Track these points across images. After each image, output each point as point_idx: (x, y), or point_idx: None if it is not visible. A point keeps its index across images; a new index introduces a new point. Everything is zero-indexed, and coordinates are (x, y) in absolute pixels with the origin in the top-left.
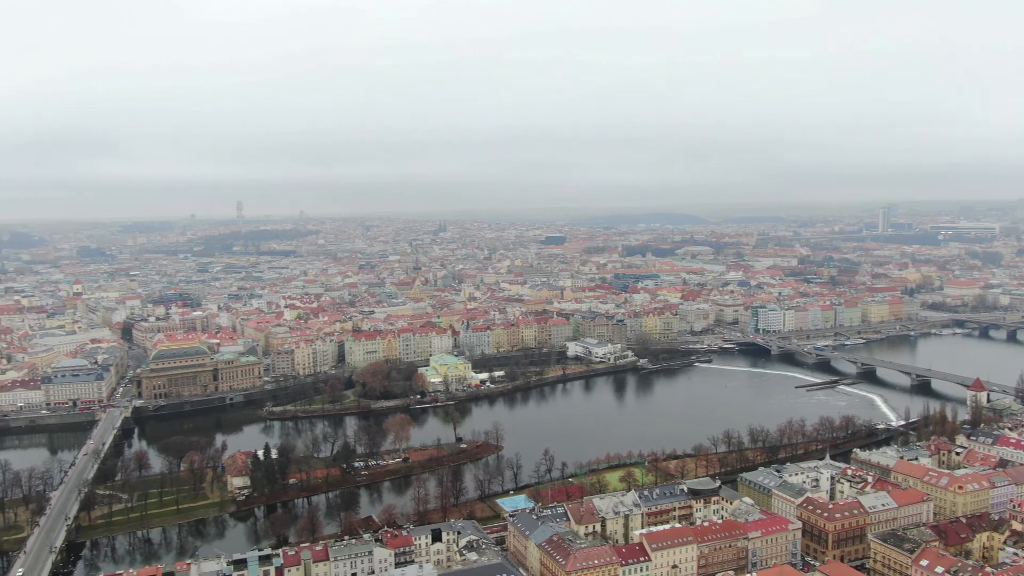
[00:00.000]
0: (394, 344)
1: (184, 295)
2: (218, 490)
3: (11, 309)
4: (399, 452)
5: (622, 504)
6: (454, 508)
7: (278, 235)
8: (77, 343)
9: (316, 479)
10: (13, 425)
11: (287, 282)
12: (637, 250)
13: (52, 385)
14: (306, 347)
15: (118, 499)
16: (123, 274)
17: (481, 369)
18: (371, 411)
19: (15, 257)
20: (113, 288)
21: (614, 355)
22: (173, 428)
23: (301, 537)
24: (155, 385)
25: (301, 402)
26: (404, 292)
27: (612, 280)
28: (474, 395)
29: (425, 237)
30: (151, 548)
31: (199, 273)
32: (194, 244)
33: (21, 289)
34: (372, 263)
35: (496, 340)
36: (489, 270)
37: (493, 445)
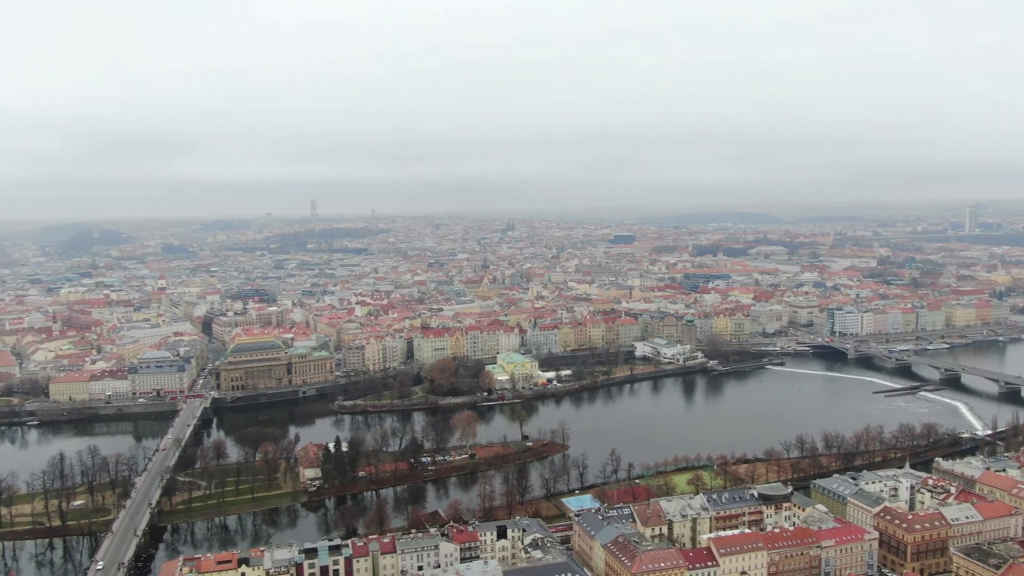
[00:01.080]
0: (462, 341)
1: (261, 291)
2: (291, 480)
3: (101, 303)
4: (466, 448)
5: (690, 507)
6: (519, 506)
7: (350, 233)
8: (161, 336)
9: (385, 473)
10: (102, 413)
11: (358, 279)
12: (708, 249)
13: (138, 375)
14: (376, 343)
15: (197, 486)
16: (204, 270)
17: (548, 368)
18: (439, 407)
19: (105, 253)
20: (195, 283)
21: (683, 356)
22: (249, 419)
23: (369, 529)
24: (233, 377)
25: (371, 397)
26: (472, 290)
27: (682, 280)
28: (540, 394)
29: (493, 236)
30: (227, 534)
31: (275, 270)
32: (270, 241)
33: (111, 284)
34: (441, 261)
35: (563, 339)
36: (557, 269)
37: (559, 444)
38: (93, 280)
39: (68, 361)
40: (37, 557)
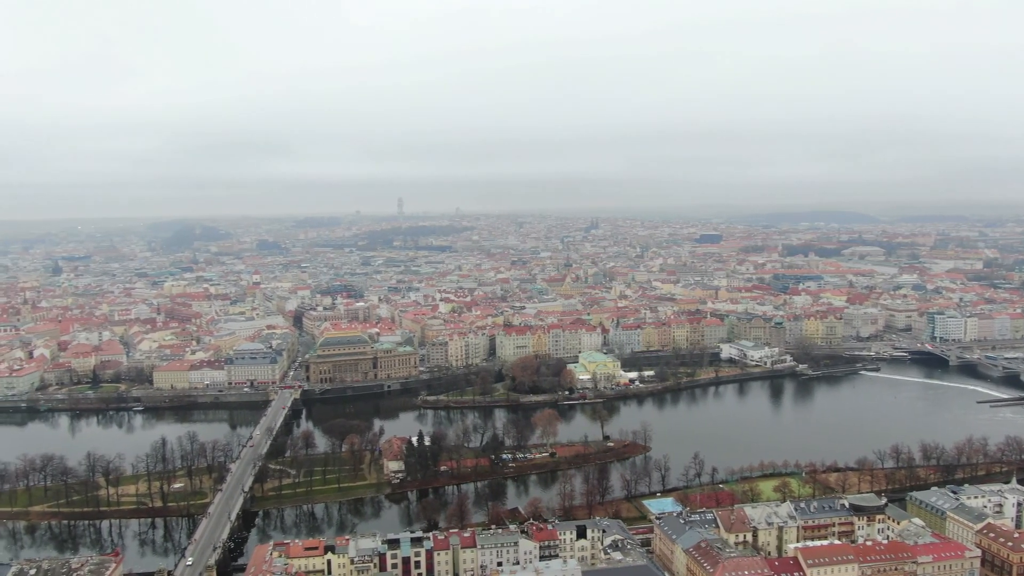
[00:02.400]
0: (544, 340)
1: (348, 287)
2: (375, 472)
3: (201, 296)
4: (546, 447)
5: (776, 515)
6: (599, 506)
7: (435, 231)
8: (255, 328)
9: (466, 468)
10: (200, 401)
11: (443, 276)
12: (799, 250)
13: (233, 366)
14: (459, 340)
15: (287, 474)
16: (295, 266)
17: (630, 368)
18: (520, 405)
19: (205, 249)
20: (287, 279)
21: (771, 359)
22: (336, 411)
23: (450, 523)
24: (321, 370)
25: (453, 393)
26: (555, 288)
27: (771, 281)
28: (622, 394)
29: (577, 234)
30: (314, 522)
31: (362, 266)
32: (358, 239)
33: (209, 278)
34: (524, 259)
35: (646, 339)
36: (641, 268)
37: (641, 445)
38: (194, 274)
39: (170, 351)
40: (140, 535)
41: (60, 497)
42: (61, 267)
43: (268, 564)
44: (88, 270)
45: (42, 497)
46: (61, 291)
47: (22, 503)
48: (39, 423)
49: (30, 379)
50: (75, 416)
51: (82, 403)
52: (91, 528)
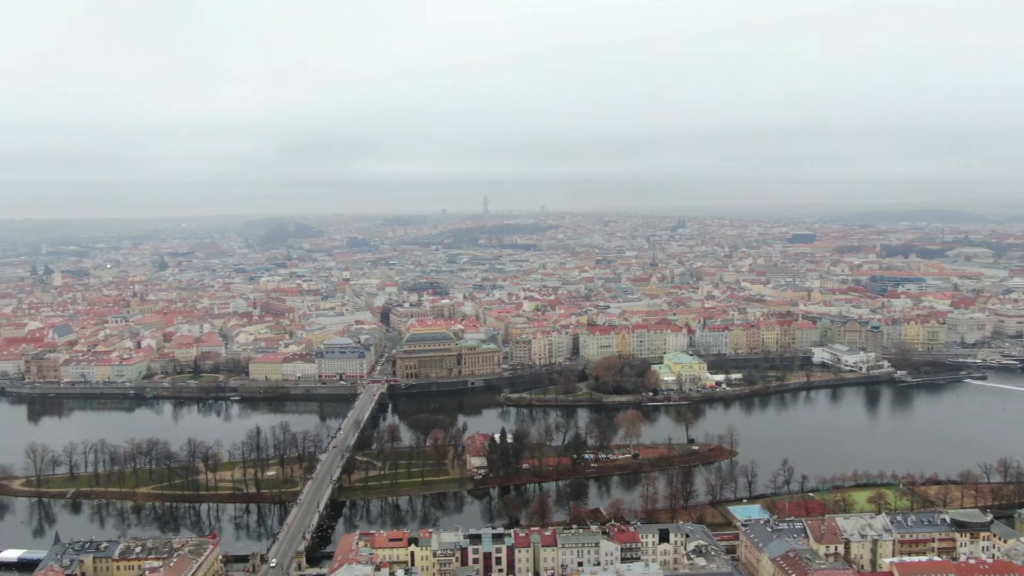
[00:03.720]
0: (628, 340)
1: (434, 284)
2: (458, 467)
3: (294, 291)
4: (629, 448)
5: (870, 527)
6: (683, 510)
7: (520, 229)
8: (344, 323)
9: (547, 466)
10: (292, 392)
11: (527, 275)
12: (898, 250)
13: (324, 360)
14: (543, 338)
15: (373, 466)
16: (383, 263)
17: (717, 370)
18: (603, 405)
19: (298, 246)
20: (375, 275)
21: (867, 364)
22: (420, 406)
23: (531, 521)
24: (407, 365)
25: (536, 391)
26: (640, 288)
27: (867, 283)
28: (708, 396)
29: (663, 233)
30: (399, 514)
31: (448, 264)
32: (444, 237)
33: (302, 274)
34: (609, 258)
35: (734, 341)
36: (729, 268)
37: (727, 449)
38: (287, 270)
39: (265, 344)
40: (236, 519)
41: (163, 480)
42: (167, 262)
43: (354, 553)
44: (191, 265)
45: (147, 479)
46: (166, 285)
47: (130, 484)
48: (145, 409)
49: (138, 368)
50: (178, 404)
51: (184, 392)
52: (191, 510)
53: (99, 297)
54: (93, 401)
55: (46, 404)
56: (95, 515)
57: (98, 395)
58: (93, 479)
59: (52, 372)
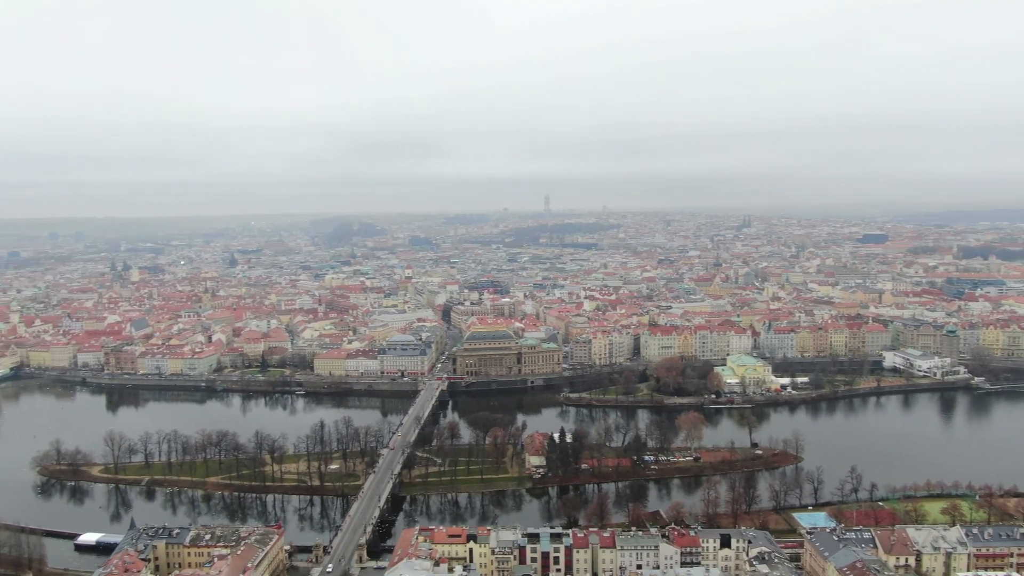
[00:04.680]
0: (690, 341)
1: (495, 282)
2: (517, 466)
3: (357, 289)
4: (690, 450)
5: (943, 539)
6: (745, 515)
7: (581, 228)
8: (406, 321)
9: (607, 467)
10: (355, 388)
11: (588, 274)
12: (977, 251)
13: (386, 356)
14: (603, 338)
15: (433, 462)
16: (445, 261)
17: (782, 373)
18: (664, 406)
19: (362, 244)
20: (436, 273)
21: (941, 370)
22: (480, 404)
23: (590, 521)
24: (467, 363)
25: (596, 391)
26: (703, 288)
27: (943, 285)
28: (773, 400)
29: (727, 232)
30: (458, 510)
31: (509, 262)
32: (505, 235)
33: (366, 272)
34: (671, 258)
35: (801, 344)
36: (796, 269)
37: (792, 455)
38: (351, 268)
39: (329, 340)
40: (300, 511)
41: (232, 470)
42: (237, 259)
43: (414, 548)
44: (259, 262)
45: (217, 469)
46: (236, 281)
47: (200, 473)
48: (215, 402)
49: (209, 361)
50: (246, 397)
51: (252, 385)
52: (257, 501)
53: (173, 292)
54: (167, 392)
55: (123, 394)
56: (168, 502)
57: (171, 387)
58: (166, 468)
59: (129, 364)
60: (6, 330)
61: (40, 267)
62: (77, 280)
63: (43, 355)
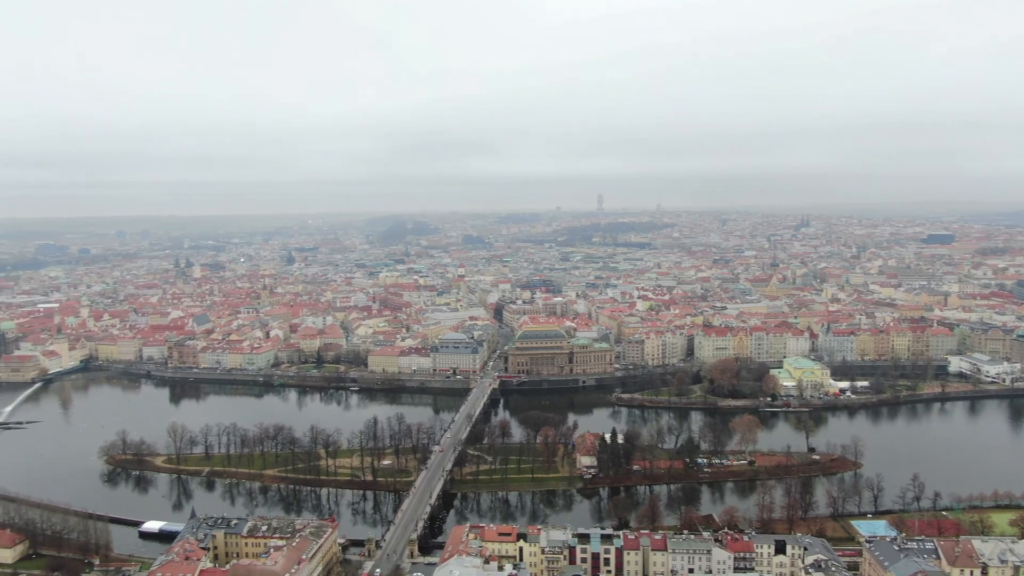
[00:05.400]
0: (746, 342)
1: (547, 281)
2: (567, 466)
3: (411, 287)
4: (745, 454)
5: (1011, 552)
6: (801, 522)
7: (635, 227)
8: (458, 319)
9: (659, 469)
10: (407, 385)
11: (641, 273)
12: None
13: (438, 354)
14: (656, 338)
15: (484, 460)
16: (498, 260)
17: (841, 377)
18: (717, 408)
19: (416, 243)
20: (489, 272)
21: (1011, 376)
22: (531, 403)
23: (641, 523)
24: (519, 362)
25: (648, 391)
26: (759, 289)
27: (1014, 287)
28: (831, 404)
29: (785, 232)
30: (508, 508)
31: (561, 262)
32: (558, 234)
33: (419, 270)
34: (727, 258)
35: (861, 347)
36: (856, 269)
37: (851, 461)
38: (405, 266)
39: (383, 337)
40: (353, 505)
41: (287, 464)
42: (294, 257)
43: (464, 545)
44: (316, 260)
45: (273, 462)
46: (293, 279)
47: (257, 466)
48: (272, 396)
49: (267, 357)
50: (302, 392)
51: (308, 380)
52: (312, 494)
53: (233, 289)
54: (226, 386)
55: (185, 387)
56: (226, 493)
57: (231, 381)
58: (225, 459)
59: (191, 358)
60: (76, 324)
61: (108, 263)
62: (143, 276)
63: (111, 348)
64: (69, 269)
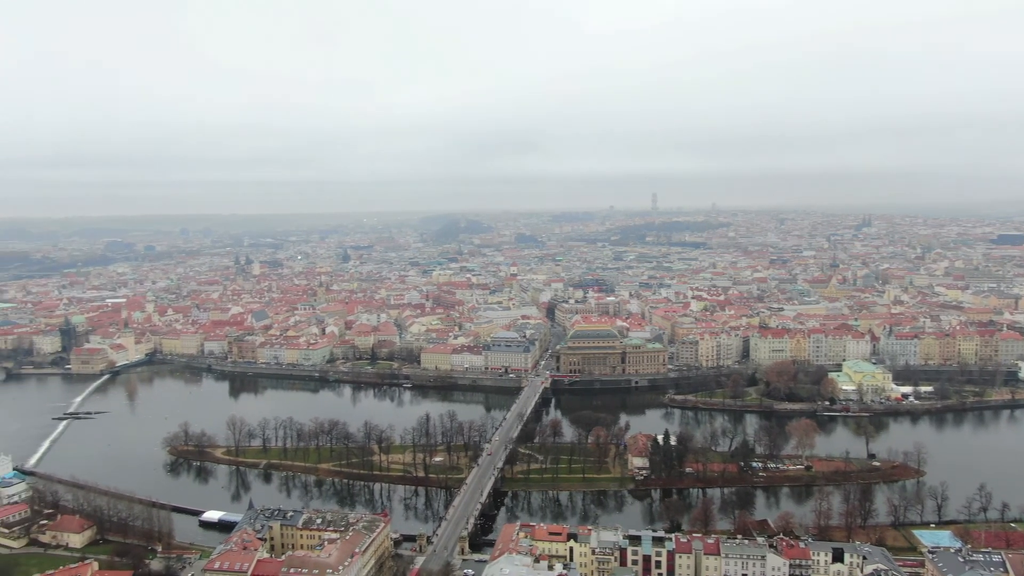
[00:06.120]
0: (803, 344)
1: (600, 281)
2: (619, 466)
3: (464, 285)
4: (801, 459)
5: None
6: (860, 530)
7: (689, 227)
8: (510, 318)
9: (712, 472)
10: (460, 383)
11: (695, 273)
12: None
13: (490, 352)
14: (710, 339)
15: (535, 459)
16: (550, 259)
17: (903, 381)
18: (773, 411)
19: (469, 241)
20: (541, 271)
21: None
22: (583, 402)
23: (694, 526)
24: (571, 361)
25: (702, 393)
26: (818, 290)
27: None
28: (893, 409)
29: (846, 232)
30: (559, 508)
31: (614, 261)
32: (611, 233)
33: (472, 269)
34: (784, 258)
35: (925, 351)
36: (921, 271)
37: (913, 468)
38: (458, 265)
39: (436, 335)
40: (405, 500)
41: (341, 458)
42: (349, 255)
43: (515, 543)
44: (371, 258)
45: (328, 456)
46: (348, 276)
47: (312, 460)
48: (327, 391)
49: (322, 353)
50: (356, 388)
51: (362, 377)
52: (365, 488)
53: (290, 286)
54: (283, 381)
55: (244, 381)
56: (283, 485)
57: (288, 376)
58: (282, 452)
59: (250, 353)
60: (142, 319)
61: (172, 260)
62: (205, 273)
63: (174, 343)
64: (136, 265)
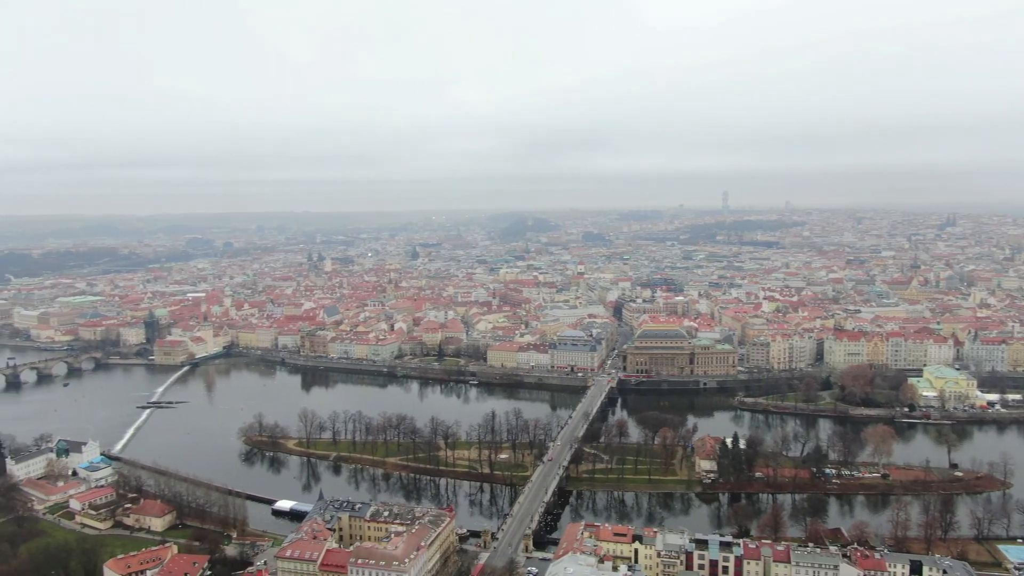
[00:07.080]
0: (881, 348)
1: (668, 280)
2: (686, 469)
3: (531, 283)
4: (878, 466)
5: None
6: (940, 542)
7: (761, 226)
8: (577, 317)
9: (783, 477)
10: (525, 380)
11: (767, 273)
12: None
13: (556, 351)
14: (783, 341)
15: (600, 459)
16: (617, 258)
17: (989, 388)
18: (848, 417)
19: (536, 239)
20: (609, 270)
21: None
22: (650, 403)
23: (763, 532)
24: (638, 361)
25: (773, 396)
26: (897, 292)
27: None
28: (977, 417)
29: (928, 232)
30: (624, 509)
31: (683, 260)
32: (680, 232)
33: (539, 267)
34: (862, 258)
35: (1013, 356)
36: (1010, 272)
37: (999, 480)
38: (525, 263)
39: (502, 332)
40: (470, 496)
41: (408, 453)
42: (418, 252)
43: (579, 543)
44: (439, 256)
45: (395, 450)
46: (417, 273)
47: (380, 453)
48: (395, 387)
49: (391, 348)
50: (423, 383)
51: (429, 373)
52: (431, 483)
53: (361, 282)
54: (353, 376)
55: (316, 375)
56: (351, 478)
57: (357, 370)
58: (351, 445)
59: (321, 347)
60: (220, 312)
61: (249, 256)
62: (279, 269)
63: (250, 336)
64: (214, 261)
